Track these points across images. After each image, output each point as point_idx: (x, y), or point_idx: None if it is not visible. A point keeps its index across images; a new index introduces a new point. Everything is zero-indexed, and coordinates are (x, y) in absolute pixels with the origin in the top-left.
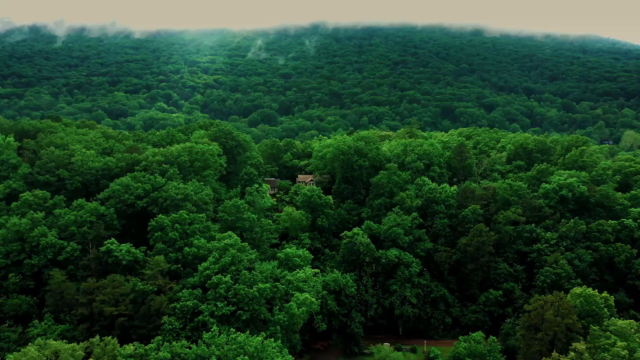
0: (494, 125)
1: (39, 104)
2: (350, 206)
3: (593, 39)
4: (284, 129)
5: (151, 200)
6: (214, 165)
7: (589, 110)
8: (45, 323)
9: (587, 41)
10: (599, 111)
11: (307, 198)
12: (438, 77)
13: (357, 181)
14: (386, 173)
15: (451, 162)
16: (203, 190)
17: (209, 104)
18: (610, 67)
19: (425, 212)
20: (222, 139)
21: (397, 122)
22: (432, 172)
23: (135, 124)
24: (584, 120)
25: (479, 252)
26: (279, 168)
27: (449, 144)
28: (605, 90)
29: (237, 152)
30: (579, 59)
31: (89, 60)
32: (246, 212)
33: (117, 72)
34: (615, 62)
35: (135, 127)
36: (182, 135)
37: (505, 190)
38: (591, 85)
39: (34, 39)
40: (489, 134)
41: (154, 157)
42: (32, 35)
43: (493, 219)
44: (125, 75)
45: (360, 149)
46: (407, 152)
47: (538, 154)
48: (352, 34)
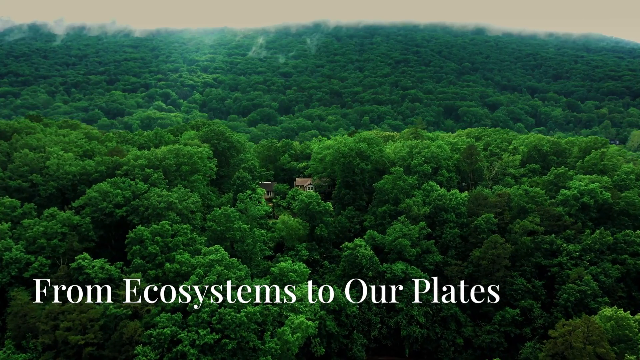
0: (498, 124)
1: (35, 103)
2: (352, 213)
3: (596, 37)
4: (284, 129)
5: (131, 209)
6: (203, 169)
7: (594, 109)
8: (4, 351)
9: (590, 40)
10: (604, 110)
11: (304, 205)
12: (440, 76)
13: (359, 186)
14: (391, 178)
15: (460, 165)
16: (190, 197)
17: (208, 103)
18: (614, 66)
19: (433, 221)
20: (213, 140)
21: (399, 122)
22: (440, 176)
23: (133, 124)
24: (590, 119)
25: (494, 266)
26: (275, 171)
27: (457, 146)
28: (610, 89)
29: (230, 154)
30: (582, 58)
31: (87, 59)
32: (237, 221)
33: (115, 71)
34: (620, 60)
35: (132, 126)
36: (171, 136)
37: (520, 196)
38: (596, 84)
39: (32, 38)
40: (500, 135)
41: (136, 161)
42: (31, 34)
43: (508, 229)
44: (123, 74)
45: (363, 151)
46: (413, 154)
47: (554, 157)
48: (354, 32)
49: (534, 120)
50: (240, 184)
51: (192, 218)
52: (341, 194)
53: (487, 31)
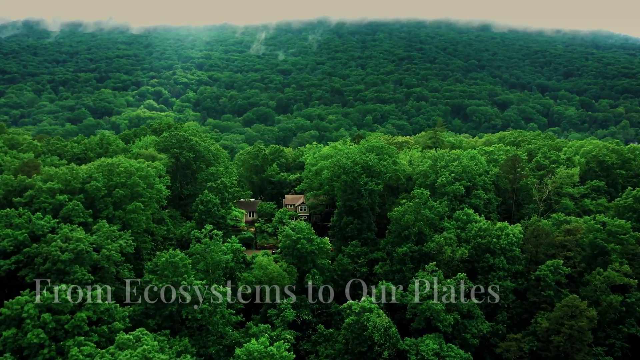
0: (509, 124)
1: (20, 102)
2: (357, 250)
3: (604, 34)
4: (281, 129)
5: (25, 260)
6: (148, 194)
7: (609, 108)
8: None
9: (599, 37)
10: (620, 110)
11: (290, 243)
12: (446, 74)
13: (366, 212)
14: (413, 205)
15: (500, 182)
16: (120, 238)
17: (202, 101)
18: (627, 63)
19: (473, 267)
20: (173, 149)
21: (404, 122)
22: (476, 198)
23: (121, 123)
24: (606, 119)
25: (573, 344)
26: (262, 184)
27: (494, 156)
28: (625, 88)
29: (198, 166)
30: (593, 55)
31: (78, 56)
32: (189, 274)
33: (106, 68)
34: (632, 57)
35: (120, 126)
36: (121, 143)
37: (596, 232)
38: (609, 82)
39: (25, 35)
40: (544, 141)
41: (46, 183)
42: (24, 30)
43: (583, 281)
44: (114, 72)
45: (371, 166)
46: (438, 168)
47: (620, 170)
48: (355, 29)
49: (546, 120)
50: (203, 211)
51: (116, 272)
52: (342, 223)
53: (493, 28)
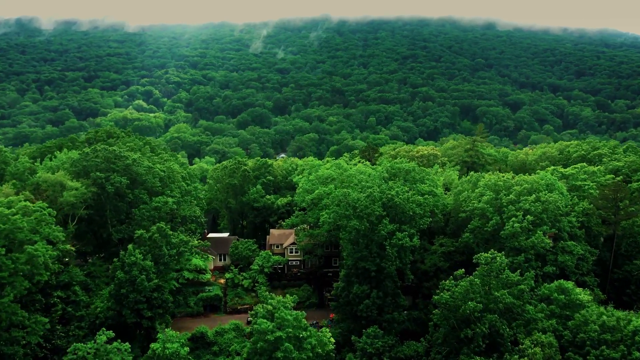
0: (522, 126)
1: (1, 102)
2: (378, 345)
3: (612, 33)
4: (278, 132)
5: None
6: (31, 255)
7: (626, 109)
8: None
9: (607, 35)
10: (639, 110)
11: (266, 347)
12: (453, 73)
13: (390, 280)
14: (478, 280)
15: (591, 224)
16: None
17: (195, 102)
18: None
19: None
20: (96, 174)
21: (410, 123)
22: (564, 253)
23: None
24: (624, 120)
25: None
26: (242, 209)
27: (575, 181)
28: None
29: (136, 197)
30: (604, 54)
31: (67, 54)
32: None
33: (95, 67)
34: None
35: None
36: (26, 162)
37: None
38: (624, 81)
39: (16, 33)
40: (635, 157)
41: None
42: (16, 28)
43: None
44: (103, 70)
45: (399, 204)
46: (502, 204)
47: None
48: (357, 27)
49: (560, 121)
50: (124, 281)
51: None
52: (352, 296)
53: (497, 26)
